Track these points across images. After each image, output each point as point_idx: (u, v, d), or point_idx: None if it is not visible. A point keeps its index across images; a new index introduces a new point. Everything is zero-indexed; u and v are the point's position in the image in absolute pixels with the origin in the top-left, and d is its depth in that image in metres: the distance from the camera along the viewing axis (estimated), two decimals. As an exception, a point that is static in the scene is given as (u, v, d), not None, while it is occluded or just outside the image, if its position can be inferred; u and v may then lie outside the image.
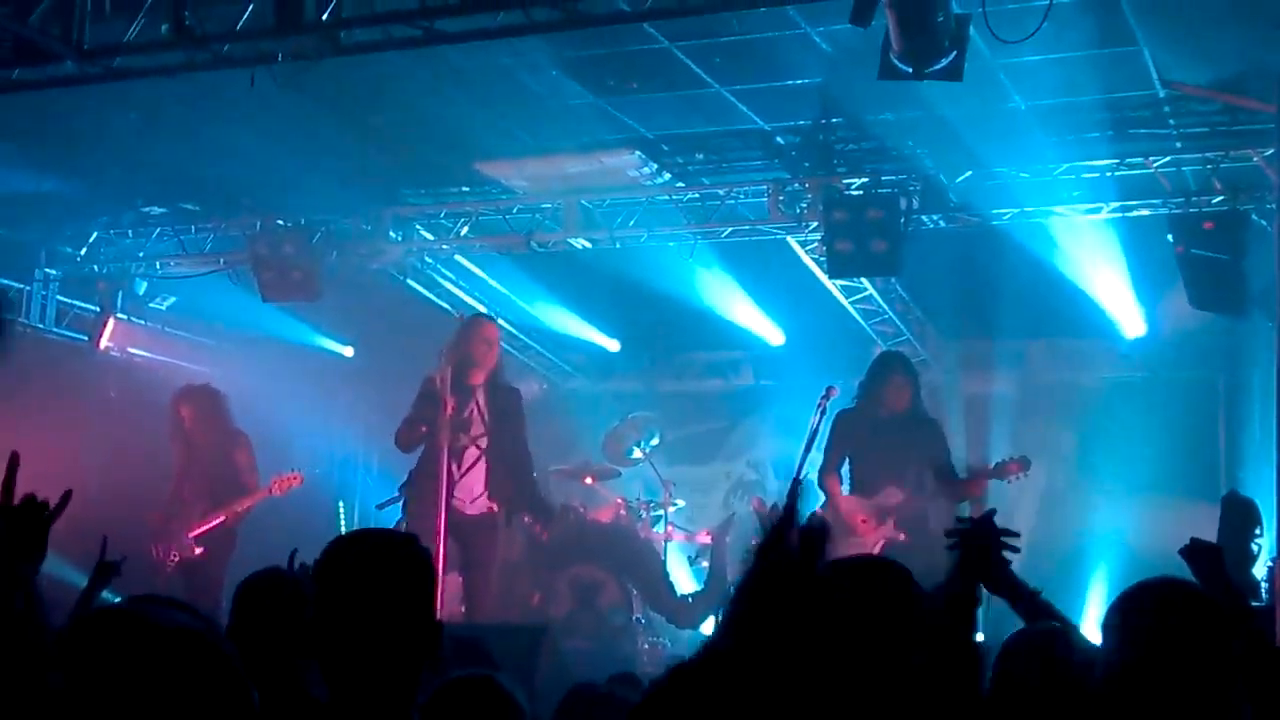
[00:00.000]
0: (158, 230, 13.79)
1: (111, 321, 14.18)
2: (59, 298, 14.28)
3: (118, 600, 11.51)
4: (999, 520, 4.04)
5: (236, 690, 2.13)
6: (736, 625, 3.01)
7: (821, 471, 10.30)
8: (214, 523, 11.63)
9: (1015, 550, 4.12)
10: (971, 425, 13.74)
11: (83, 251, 14.02)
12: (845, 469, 10.50)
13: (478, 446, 10.63)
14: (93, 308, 14.23)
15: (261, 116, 10.44)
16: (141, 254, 13.98)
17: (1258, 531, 8.81)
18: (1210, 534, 8.82)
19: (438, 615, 3.22)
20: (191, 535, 11.63)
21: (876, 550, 10.14)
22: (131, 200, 13.57)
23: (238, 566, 10.67)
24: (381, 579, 3.09)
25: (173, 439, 12.12)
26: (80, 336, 14.22)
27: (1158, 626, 3.37)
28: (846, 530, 10.30)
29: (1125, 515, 13.24)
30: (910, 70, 7.92)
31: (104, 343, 14.17)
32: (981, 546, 4.05)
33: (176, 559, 11.63)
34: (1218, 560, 4.43)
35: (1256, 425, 12.37)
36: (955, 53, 7.88)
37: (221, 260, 13.78)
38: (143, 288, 14.52)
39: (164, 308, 14.79)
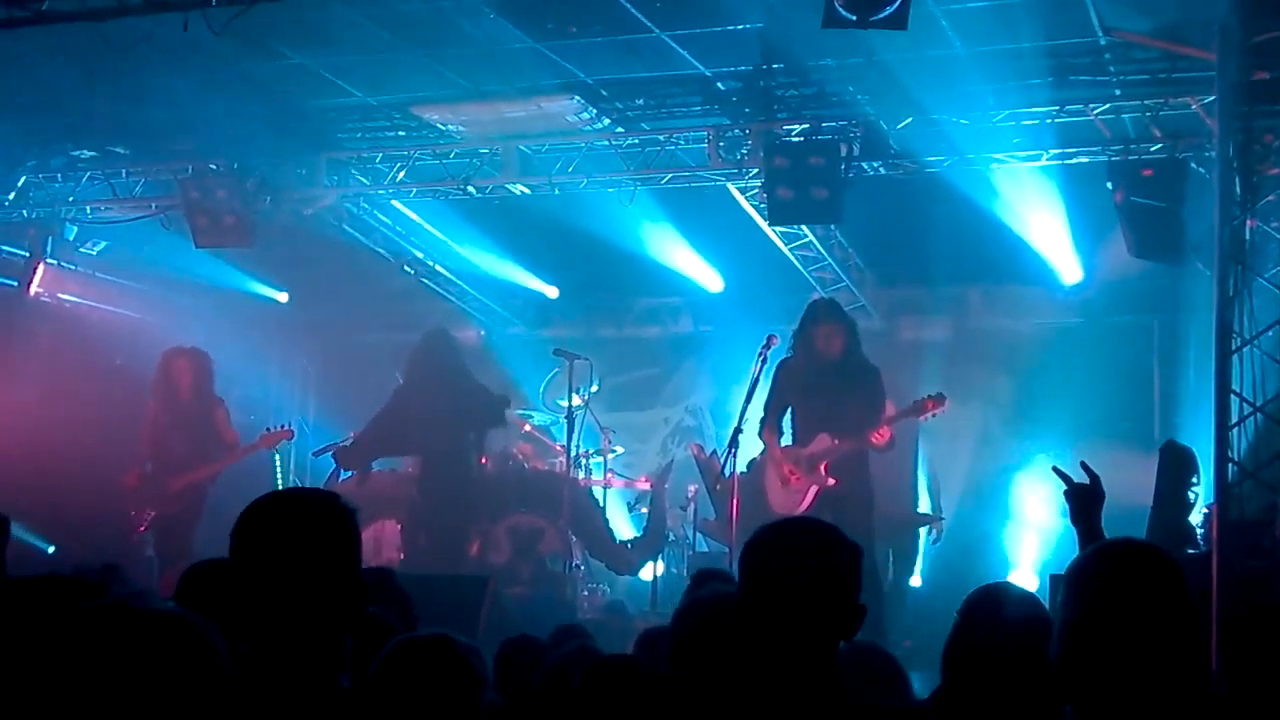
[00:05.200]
0: (87, 174, 13.53)
1: (41, 267, 13.98)
2: (-13, 243, 14.02)
3: (50, 550, 11.39)
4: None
5: (205, 662, 2.08)
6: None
7: (762, 424, 10.29)
8: (200, 476, 11.81)
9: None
10: (909, 371, 13.79)
11: (11, 196, 13.70)
12: (787, 418, 10.48)
13: None
14: (22, 253, 13.99)
15: (194, 61, 10.25)
16: (71, 198, 13.72)
17: (1194, 480, 8.89)
18: (1144, 478, 8.95)
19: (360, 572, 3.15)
20: (176, 490, 11.74)
21: (810, 497, 10.15)
22: (61, 144, 13.29)
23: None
24: (299, 540, 3.03)
25: (155, 395, 12.10)
26: (10, 282, 13.98)
27: (1122, 588, 3.36)
28: (780, 482, 10.32)
29: (1061, 460, 13.25)
30: (854, 18, 7.86)
31: (34, 288, 13.97)
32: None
33: (151, 516, 11.67)
34: (1092, 502, 5.08)
35: (1191, 371, 12.47)
36: (900, 1, 7.82)
37: (153, 205, 13.54)
38: (73, 233, 14.31)
39: (94, 253, 14.58)
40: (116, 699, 1.99)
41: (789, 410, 10.41)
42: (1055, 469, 5.37)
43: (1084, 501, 5.11)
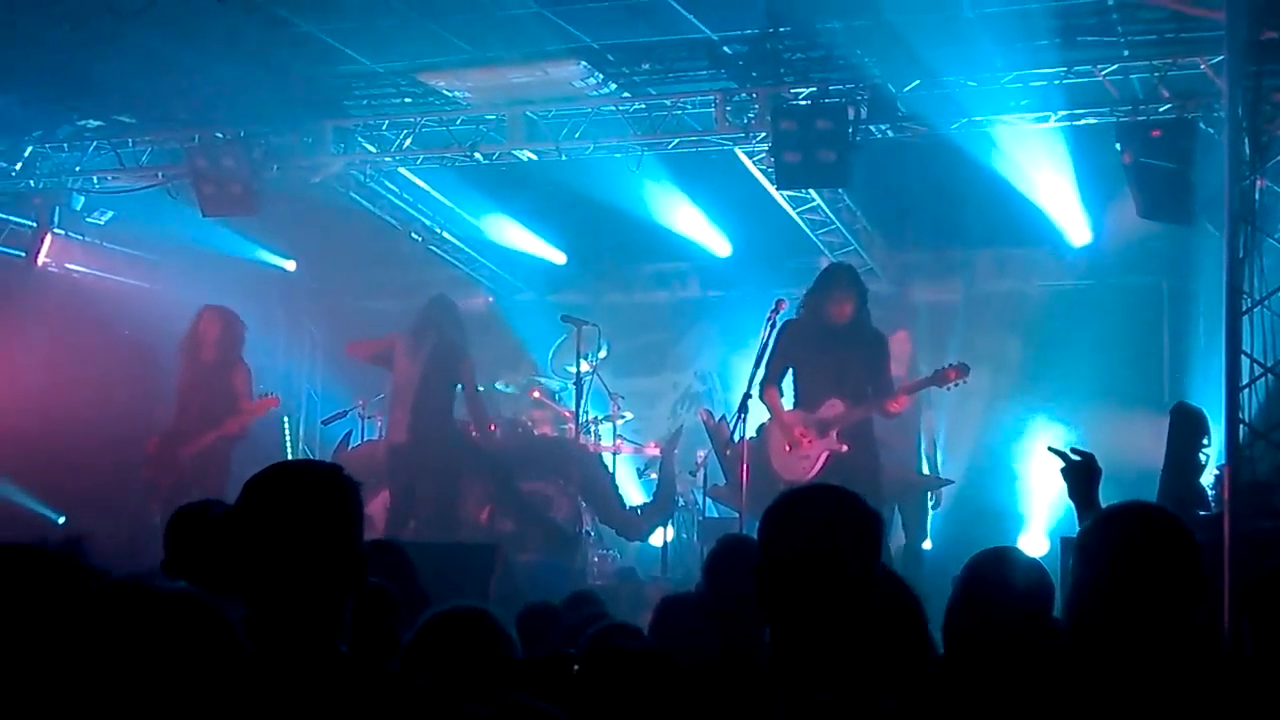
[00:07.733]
0: (94, 144, 13.49)
1: (49, 237, 13.99)
2: (-6, 214, 14.01)
3: (61, 520, 11.42)
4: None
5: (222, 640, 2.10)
6: None
7: (762, 384, 10.22)
8: (207, 441, 11.73)
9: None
10: (917, 334, 13.77)
11: (17, 166, 13.69)
12: (789, 381, 10.46)
13: None
14: (29, 223, 13.99)
15: (199, 27, 10.21)
16: (78, 168, 13.69)
17: (1205, 441, 8.84)
18: (1155, 440, 8.94)
19: (361, 544, 3.16)
20: (188, 454, 11.73)
21: (820, 462, 10.14)
22: (66, 114, 13.25)
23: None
24: (300, 510, 3.06)
25: (182, 353, 12.08)
26: (17, 253, 13.99)
27: (1137, 551, 3.37)
28: (791, 443, 10.30)
29: (1070, 422, 13.32)
30: (862, -21, 7.81)
31: (41, 259, 13.98)
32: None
33: (172, 481, 11.64)
34: (1088, 477, 5.21)
35: (1201, 332, 12.46)
36: (907, -39, 7.77)
37: (160, 174, 13.52)
38: (80, 203, 14.29)
39: (102, 222, 14.57)
40: (133, 681, 2.00)
41: (790, 372, 10.37)
42: (1050, 448, 5.42)
43: (1081, 477, 5.21)
